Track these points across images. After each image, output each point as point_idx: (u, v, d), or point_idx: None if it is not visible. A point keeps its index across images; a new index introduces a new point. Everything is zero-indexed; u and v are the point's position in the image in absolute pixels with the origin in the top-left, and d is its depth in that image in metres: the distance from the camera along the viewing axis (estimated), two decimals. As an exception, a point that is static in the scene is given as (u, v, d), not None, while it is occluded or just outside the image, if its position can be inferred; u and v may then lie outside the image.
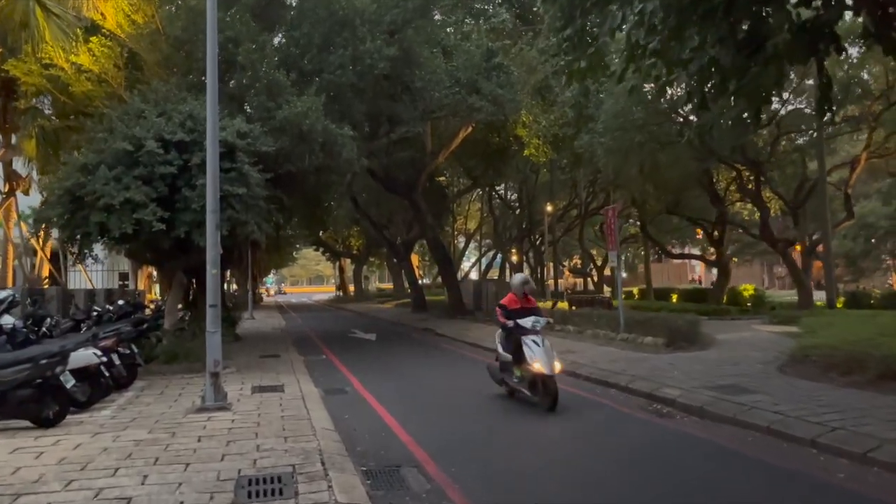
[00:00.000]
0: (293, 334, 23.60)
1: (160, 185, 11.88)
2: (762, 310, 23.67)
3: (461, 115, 20.29)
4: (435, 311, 31.07)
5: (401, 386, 11.65)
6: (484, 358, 15.18)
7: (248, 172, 12.35)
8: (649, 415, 8.75)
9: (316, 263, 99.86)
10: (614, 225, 15.96)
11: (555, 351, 9.66)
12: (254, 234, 12.53)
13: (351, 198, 33.51)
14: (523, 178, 37.57)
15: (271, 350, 17.14)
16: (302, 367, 13.79)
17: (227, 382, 11.22)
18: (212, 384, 8.96)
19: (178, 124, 12.33)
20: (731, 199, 24.67)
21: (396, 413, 8.97)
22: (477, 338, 18.70)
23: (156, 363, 12.75)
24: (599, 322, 17.35)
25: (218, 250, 9.22)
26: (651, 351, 13.62)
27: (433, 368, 13.91)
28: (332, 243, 56.48)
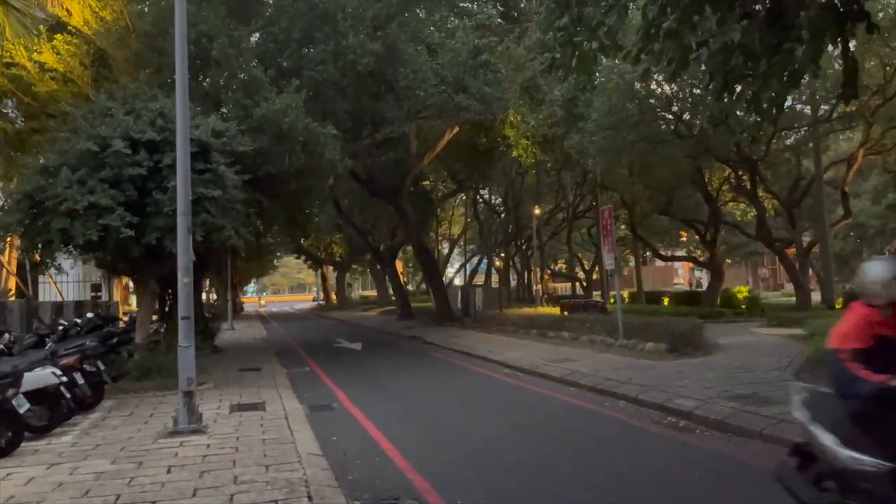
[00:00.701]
0: (275, 345, 22.67)
1: (128, 189, 11.00)
2: (756, 312, 23.15)
3: (448, 114, 19.57)
4: (421, 319, 30.26)
5: (391, 400, 10.84)
6: (477, 367, 14.41)
7: (224, 174, 11.51)
8: (665, 429, 8.04)
9: (297, 272, 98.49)
10: (610, 226, 15.30)
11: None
12: (231, 240, 11.68)
13: (334, 202, 32.66)
14: (509, 181, 36.96)
15: (252, 362, 16.25)
16: (285, 381, 12.94)
17: (204, 400, 10.37)
18: (185, 404, 8.11)
19: (148, 123, 11.46)
20: (723, 198, 24.18)
21: (389, 433, 8.17)
22: (467, 346, 17.94)
23: (127, 380, 11.83)
24: (595, 327, 16.66)
25: (190, 257, 8.39)
26: (654, 358, 12.94)
27: (424, 380, 13.12)
28: (314, 251, 55.44)
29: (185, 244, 8.35)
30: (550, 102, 22.03)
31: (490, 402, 10.34)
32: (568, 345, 16.39)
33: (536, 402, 10.24)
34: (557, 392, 10.90)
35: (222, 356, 17.96)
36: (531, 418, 8.95)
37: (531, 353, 15.09)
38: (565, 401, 10.12)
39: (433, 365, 15.50)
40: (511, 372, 13.50)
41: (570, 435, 7.88)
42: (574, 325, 17.85)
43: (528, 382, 12.11)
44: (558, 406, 9.79)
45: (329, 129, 13.86)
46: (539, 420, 8.83)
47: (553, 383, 11.73)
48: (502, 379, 12.73)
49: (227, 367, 15.17)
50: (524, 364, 13.69)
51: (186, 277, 8.32)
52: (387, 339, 23.19)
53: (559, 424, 8.52)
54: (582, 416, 9.01)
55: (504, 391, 11.40)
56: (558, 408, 9.67)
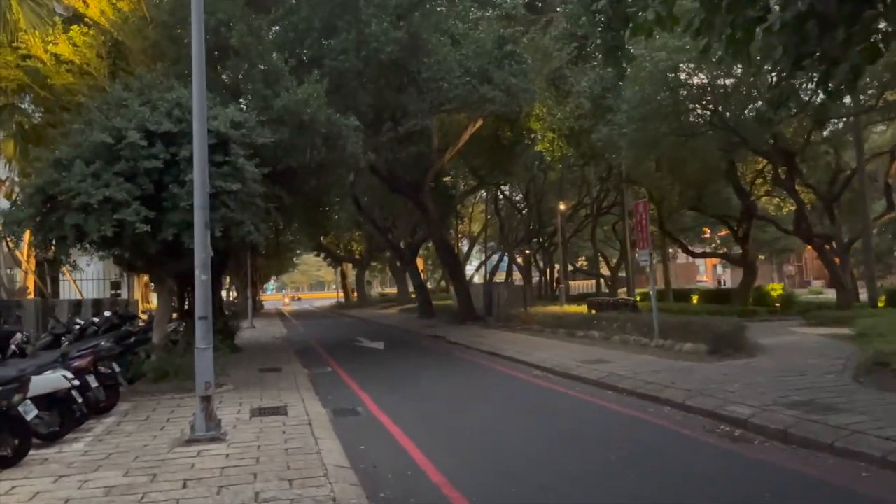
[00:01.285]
0: (295, 344, 22.25)
1: (144, 182, 10.54)
2: (791, 310, 22.32)
3: (472, 106, 18.95)
4: (442, 317, 29.72)
5: (419, 404, 10.28)
6: (505, 368, 13.84)
7: (244, 167, 11.01)
8: (719, 439, 7.39)
9: (317, 269, 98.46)
10: (645, 221, 14.61)
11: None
12: (251, 235, 11.18)
13: (353, 199, 32.18)
14: (531, 176, 36.26)
15: (272, 362, 15.79)
16: (306, 383, 12.45)
17: (223, 404, 9.89)
18: (203, 410, 7.60)
19: (165, 114, 10.99)
20: (755, 193, 23.33)
21: (421, 442, 7.60)
22: (492, 346, 17.34)
23: (143, 382, 11.39)
24: (628, 327, 15.98)
25: (208, 253, 7.88)
26: (694, 359, 12.25)
27: (451, 382, 12.54)
28: (333, 248, 55.13)
29: (202, 240, 7.84)
30: (577, 94, 21.33)
31: (524, 407, 9.74)
32: (599, 345, 15.73)
33: (573, 407, 9.62)
34: (594, 396, 10.28)
35: (242, 356, 17.53)
36: (571, 425, 8.35)
37: (561, 354, 14.47)
38: (604, 406, 9.49)
39: (459, 365, 14.93)
40: (541, 374, 12.89)
41: (616, 444, 7.26)
42: (604, 325, 17.18)
43: (560, 385, 11.50)
44: (597, 412, 9.17)
45: (352, 120, 13.31)
46: (579, 427, 8.22)
47: (588, 386, 11.11)
48: (533, 381, 12.12)
49: (247, 367, 14.73)
50: (555, 365, 13.07)
51: (204, 275, 7.81)
52: (409, 339, 22.66)
53: (601, 432, 7.90)
54: (625, 424, 8.38)
55: (537, 395, 10.80)
56: (598, 414, 9.05)
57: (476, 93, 18.41)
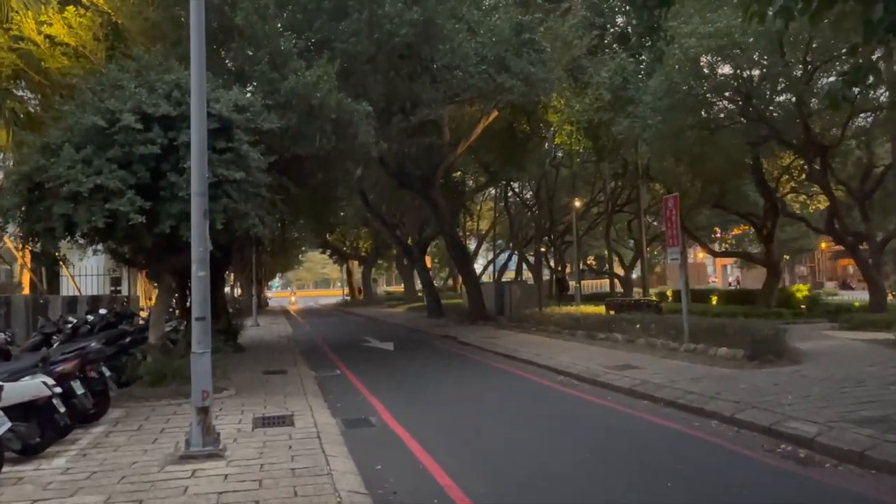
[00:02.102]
0: (301, 343, 21.41)
1: (140, 169, 9.68)
2: (817, 312, 21.36)
3: (489, 96, 18.07)
4: (452, 316, 28.86)
5: (437, 414, 9.40)
6: (524, 373, 12.94)
7: (248, 154, 10.15)
8: (783, 461, 6.51)
9: (322, 266, 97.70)
10: (675, 217, 13.72)
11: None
12: (255, 228, 10.31)
13: (361, 194, 31.38)
14: (542, 173, 35.36)
15: (277, 363, 14.96)
16: (314, 387, 11.59)
17: (223, 411, 9.06)
18: (199, 423, 6.75)
19: (163, 96, 10.13)
20: (781, 190, 22.36)
21: (446, 462, 6.72)
22: (509, 348, 16.45)
23: (139, 386, 10.56)
24: (653, 329, 15.08)
25: (206, 246, 7.03)
26: (732, 366, 11.35)
27: (469, 387, 11.66)
28: (339, 245, 54.29)
29: (200, 231, 6.99)
30: (597, 85, 20.41)
31: (554, 418, 8.86)
32: (623, 349, 14.83)
33: (609, 419, 8.74)
34: (628, 406, 9.39)
35: (245, 356, 16.71)
36: (611, 441, 7.46)
37: (584, 358, 13.59)
38: (642, 418, 8.61)
39: (475, 369, 14.05)
40: (566, 380, 12.01)
41: (667, 466, 6.38)
42: (627, 327, 16.29)
43: (589, 393, 10.62)
44: (637, 425, 8.28)
45: (363, 106, 12.44)
46: (621, 444, 7.34)
47: (621, 395, 10.22)
48: (559, 389, 11.24)
49: (250, 369, 13.89)
50: (580, 371, 12.18)
51: (202, 270, 6.96)
52: (419, 339, 21.80)
53: (649, 452, 7.01)
54: (671, 440, 7.49)
55: (566, 404, 9.92)
56: (638, 427, 8.16)
57: (493, 82, 17.52)
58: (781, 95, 17.76)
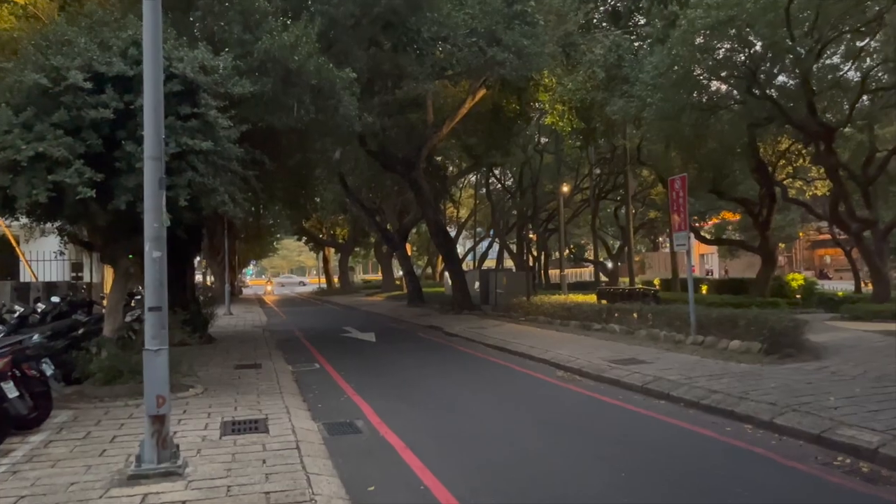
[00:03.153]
0: (277, 333, 20.18)
1: (91, 137, 8.41)
2: (811, 302, 20.70)
3: (479, 71, 16.93)
4: (433, 305, 27.79)
5: (433, 417, 8.31)
6: (521, 367, 11.91)
7: (216, 121, 8.93)
8: (846, 477, 5.55)
9: (298, 254, 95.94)
10: (682, 199, 12.75)
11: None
12: (224, 207, 9.12)
13: (340, 178, 30.10)
14: (526, 158, 34.36)
15: (251, 356, 13.78)
16: (291, 384, 10.45)
17: (187, 414, 7.90)
18: (154, 434, 5.59)
19: (118, 53, 8.86)
20: (777, 175, 21.55)
21: (452, 481, 5.64)
22: (499, 339, 15.43)
23: (92, 383, 9.32)
24: (655, 320, 14.16)
25: (162, 221, 5.85)
26: (749, 360, 10.43)
27: (463, 383, 10.60)
28: (315, 232, 52.85)
29: (155, 203, 5.81)
30: (590, 63, 19.37)
31: (566, 422, 7.83)
32: (623, 340, 13.90)
33: (629, 423, 7.73)
34: (645, 407, 8.41)
35: (216, 348, 15.48)
36: (641, 453, 6.43)
37: (584, 351, 12.61)
38: (667, 423, 7.62)
39: (466, 363, 13.00)
40: (567, 375, 11.02)
41: (707, 483, 5.39)
42: (625, 317, 15.36)
43: (595, 391, 9.63)
44: (664, 432, 7.29)
45: (347, 72, 11.22)
46: (647, 455, 6.32)
47: (633, 394, 9.24)
48: (562, 385, 10.23)
49: (221, 363, 12.69)
50: (583, 365, 11.20)
51: (158, 250, 5.78)
52: (402, 329, 20.69)
53: (678, 462, 6.02)
54: (702, 449, 6.51)
55: (574, 404, 8.91)
56: (666, 435, 7.17)
57: (483, 56, 16.39)
58: (785, 74, 16.90)
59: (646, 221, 33.14)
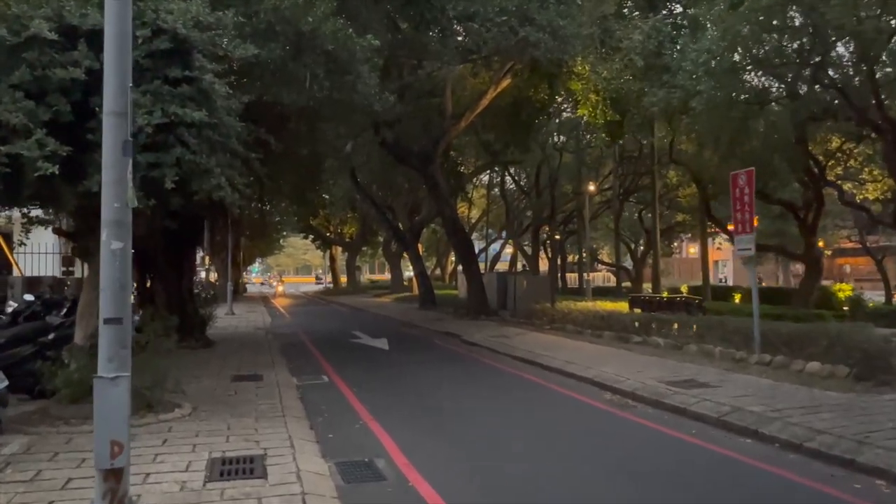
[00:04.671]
0: (280, 336, 18.67)
1: (58, 102, 6.88)
2: (860, 315, 19.04)
3: (509, 53, 15.34)
4: (446, 309, 26.22)
5: (474, 457, 6.67)
6: (561, 387, 10.21)
7: (213, 88, 7.39)
8: None
9: (304, 252, 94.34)
10: (748, 197, 11.14)
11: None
12: (221, 192, 7.56)
13: (350, 173, 28.62)
14: (544, 157, 32.76)
15: (250, 364, 12.27)
16: (295, 403, 8.90)
17: (168, 444, 6.40)
18: (106, 496, 4.03)
19: (95, 3, 7.32)
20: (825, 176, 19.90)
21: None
22: (527, 351, 13.83)
23: (58, 401, 7.77)
24: (707, 335, 12.55)
25: (126, 200, 4.29)
26: (838, 388, 8.80)
27: (500, 410, 9.00)
28: (322, 230, 51.32)
29: (116, 175, 4.26)
30: (627, 50, 17.75)
31: (639, 469, 6.22)
32: (671, 356, 12.28)
33: (716, 469, 6.14)
34: (730, 448, 6.81)
35: (213, 353, 13.99)
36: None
37: (631, 369, 11.01)
38: (767, 472, 6.01)
39: (496, 380, 11.40)
40: (619, 399, 9.42)
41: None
42: (668, 329, 13.76)
43: (659, 422, 8.03)
44: (768, 484, 5.69)
45: (369, 39, 9.65)
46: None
47: (706, 427, 7.63)
48: (616, 413, 8.64)
49: (216, 373, 11.17)
50: (635, 387, 9.59)
51: (119, 240, 4.22)
52: (416, 336, 19.11)
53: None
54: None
55: (640, 440, 7.32)
56: (773, 488, 5.57)
57: (514, 36, 14.81)
58: (848, 62, 15.26)
59: (673, 224, 31.51)
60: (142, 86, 7.08)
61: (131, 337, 4.54)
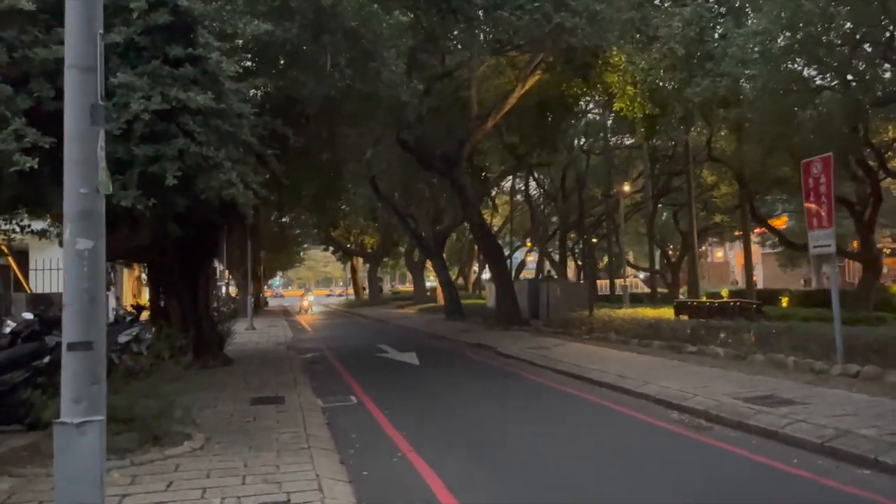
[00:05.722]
0: (302, 351, 17.65)
1: (41, 87, 5.91)
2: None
3: (542, 41, 14.24)
4: (474, 319, 25.05)
5: (543, 497, 5.54)
6: (619, 406, 8.97)
7: (220, 69, 6.38)
8: None
9: (324, 265, 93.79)
10: (827, 186, 9.90)
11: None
12: (231, 190, 6.51)
13: (371, 182, 27.67)
14: (570, 159, 31.59)
15: (272, 384, 11.19)
16: (322, 431, 7.81)
17: (171, 489, 5.34)
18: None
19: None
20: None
21: None
22: (573, 365, 12.60)
23: (49, 435, 6.73)
24: (776, 343, 11.28)
25: (99, 184, 3.22)
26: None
27: (558, 436, 7.83)
28: (343, 241, 50.46)
29: (81, 153, 3.20)
30: (666, 38, 16.56)
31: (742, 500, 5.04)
32: (735, 367, 11.02)
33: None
34: (849, 482, 5.60)
35: (232, 372, 12.94)
36: None
37: (695, 383, 9.78)
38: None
39: (542, 398, 10.23)
40: (690, 420, 8.20)
41: None
42: (727, 338, 12.51)
43: (747, 448, 6.81)
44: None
45: (398, 16, 8.59)
46: None
47: (810, 456, 6.39)
48: (693, 437, 7.43)
49: (234, 394, 10.11)
50: (708, 405, 8.36)
51: (87, 237, 3.17)
52: (446, 349, 17.98)
53: None
54: None
55: (728, 468, 6.14)
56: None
57: (547, 24, 13.72)
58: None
59: (709, 225, 30.14)
60: (138, 67, 6.08)
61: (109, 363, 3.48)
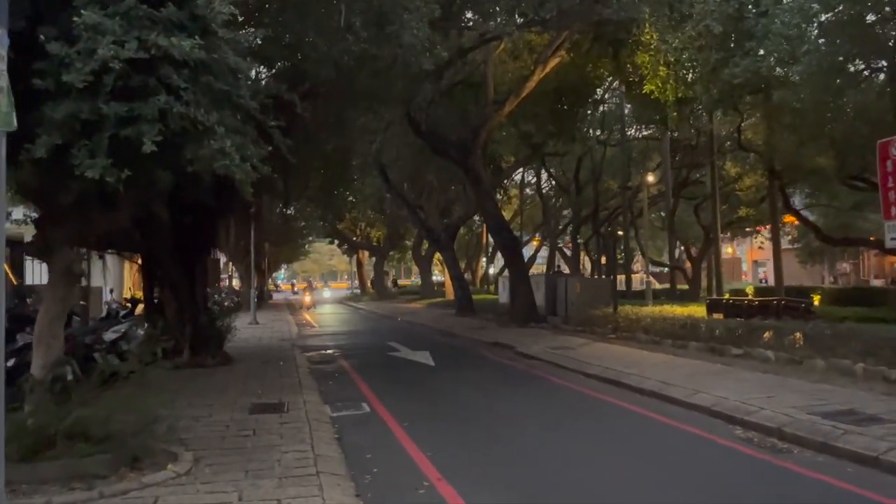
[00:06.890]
0: (308, 348, 16.56)
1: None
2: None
3: (573, 14, 13.06)
4: (486, 315, 23.94)
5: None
6: (669, 419, 7.79)
7: (210, 11, 5.22)
8: None
9: (329, 258, 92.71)
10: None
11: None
12: (224, 161, 5.35)
13: (380, 170, 26.53)
14: (585, 150, 30.34)
15: (274, 388, 10.06)
16: (332, 449, 6.69)
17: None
18: None
19: None
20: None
21: None
22: (604, 368, 11.45)
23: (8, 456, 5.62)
24: (835, 346, 10.10)
25: None
26: None
27: (608, 455, 6.70)
28: (349, 234, 49.37)
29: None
30: (701, 15, 15.34)
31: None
32: (791, 374, 9.85)
33: None
34: None
35: (231, 372, 11.84)
36: None
37: (754, 393, 8.61)
38: None
39: (577, 407, 9.10)
40: (756, 437, 7.06)
41: None
42: (774, 340, 11.34)
43: (837, 475, 5.69)
44: None
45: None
46: None
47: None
48: (765, 459, 6.30)
49: (231, 400, 9.00)
50: (780, 422, 7.20)
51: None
52: (461, 347, 16.86)
53: None
54: None
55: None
56: None
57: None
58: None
59: (734, 219, 28.92)
60: (109, 7, 4.93)
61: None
